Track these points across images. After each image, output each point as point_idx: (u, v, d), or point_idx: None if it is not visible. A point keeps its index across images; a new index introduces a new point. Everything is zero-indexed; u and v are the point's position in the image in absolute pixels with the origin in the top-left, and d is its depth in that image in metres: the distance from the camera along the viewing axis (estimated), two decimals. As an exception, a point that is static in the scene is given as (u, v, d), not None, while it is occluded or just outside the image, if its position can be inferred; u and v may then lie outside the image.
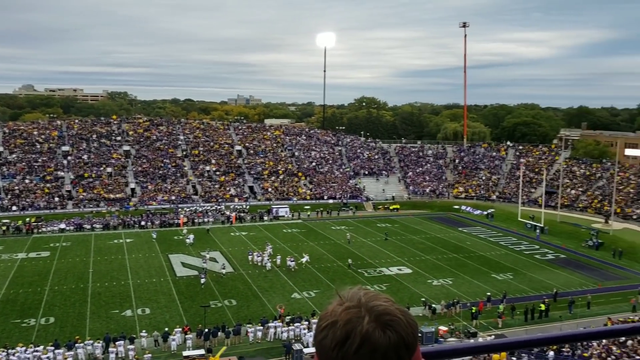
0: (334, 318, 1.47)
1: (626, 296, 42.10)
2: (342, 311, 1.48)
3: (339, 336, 1.43)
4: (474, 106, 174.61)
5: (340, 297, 1.56)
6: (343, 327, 1.44)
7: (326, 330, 1.46)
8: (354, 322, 1.44)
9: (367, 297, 1.52)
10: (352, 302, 1.50)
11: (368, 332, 1.42)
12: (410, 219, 71.59)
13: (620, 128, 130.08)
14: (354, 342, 1.41)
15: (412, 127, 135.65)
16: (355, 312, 1.47)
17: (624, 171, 75.71)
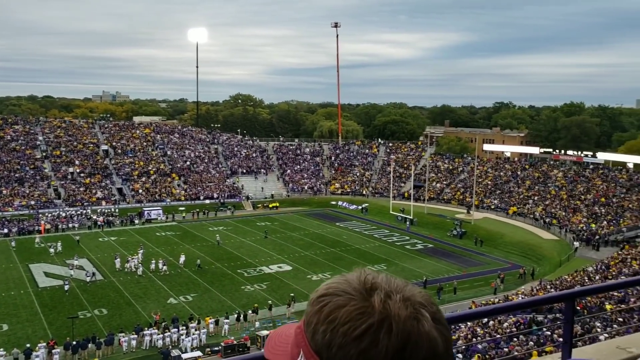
0: (378, 317, 1.07)
1: (487, 280, 45.72)
2: (383, 306, 1.08)
3: (397, 342, 1.04)
4: (348, 105, 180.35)
5: (351, 283, 1.15)
6: (401, 330, 1.06)
7: (371, 334, 1.05)
8: (411, 322, 1.07)
9: (394, 285, 1.15)
10: (384, 292, 1.12)
11: (430, 335, 1.08)
12: (290, 216, 72.11)
13: (478, 125, 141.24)
14: (419, 347, 1.06)
15: (289, 125, 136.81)
16: (403, 307, 1.09)
17: (483, 165, 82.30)
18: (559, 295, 3.94)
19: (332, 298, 1.13)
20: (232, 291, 42.21)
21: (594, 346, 4.15)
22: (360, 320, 1.07)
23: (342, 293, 1.13)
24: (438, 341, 1.08)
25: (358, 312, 1.08)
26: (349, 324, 1.07)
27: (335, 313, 1.10)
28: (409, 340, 1.05)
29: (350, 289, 1.14)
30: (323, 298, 1.14)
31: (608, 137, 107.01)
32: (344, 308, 1.10)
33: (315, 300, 1.16)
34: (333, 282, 1.18)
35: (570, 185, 69.45)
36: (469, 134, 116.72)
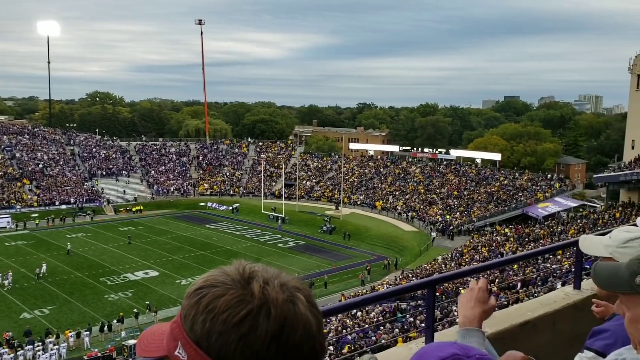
0: (257, 302, 1.10)
1: (355, 273, 47.50)
2: (262, 292, 1.11)
3: (275, 325, 1.09)
4: (215, 103, 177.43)
5: (229, 274, 1.16)
6: (279, 313, 1.10)
7: (252, 319, 1.08)
8: (287, 305, 1.12)
9: (270, 273, 1.18)
10: (262, 279, 1.15)
11: (305, 316, 1.13)
12: (155, 220, 69.21)
13: (344, 125, 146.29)
14: (295, 329, 1.10)
15: (152, 124, 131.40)
16: (280, 292, 1.13)
17: (349, 163, 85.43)
18: (421, 282, 4.09)
19: (210, 289, 1.14)
20: (94, 301, 39.58)
21: (453, 328, 4.37)
22: (239, 307, 1.10)
23: (220, 284, 1.14)
24: (312, 322, 1.13)
25: (237, 299, 1.11)
26: (229, 311, 1.10)
27: (214, 303, 1.11)
28: (286, 322, 1.10)
29: (228, 279, 1.15)
30: (201, 290, 1.15)
31: (459, 135, 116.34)
32: (222, 297, 1.11)
33: (192, 293, 1.16)
34: (210, 274, 1.20)
35: (427, 181, 74.46)
36: (335, 133, 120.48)
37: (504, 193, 65.61)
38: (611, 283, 1.58)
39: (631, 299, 1.56)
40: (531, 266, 35.74)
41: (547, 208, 59.09)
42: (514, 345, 4.19)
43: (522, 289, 29.32)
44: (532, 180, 67.91)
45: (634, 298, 1.55)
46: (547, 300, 4.79)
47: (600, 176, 59.95)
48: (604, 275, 1.60)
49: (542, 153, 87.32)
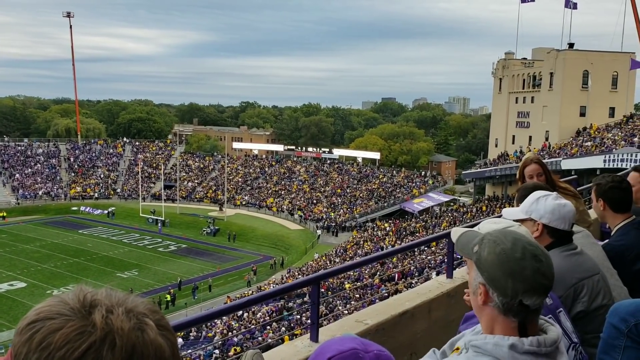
0: (100, 333, 0.97)
1: (241, 274, 47.10)
2: (105, 322, 0.98)
3: (122, 355, 0.96)
4: (87, 101, 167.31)
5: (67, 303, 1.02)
6: (126, 342, 0.97)
7: (92, 353, 0.95)
8: (135, 333, 1.00)
9: (115, 299, 1.06)
10: (105, 307, 1.02)
11: (156, 342, 1.02)
12: (22, 227, 63.63)
13: (227, 124, 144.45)
14: (146, 357, 0.99)
15: (15, 123, 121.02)
16: (126, 320, 1.00)
17: (233, 163, 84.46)
18: (305, 280, 4.12)
19: (45, 323, 0.98)
20: (-52, 320, 35.59)
21: (337, 323, 4.45)
22: (79, 340, 0.96)
23: (56, 316, 0.99)
24: (164, 347, 1.03)
25: (76, 332, 0.97)
26: (67, 346, 0.95)
27: (50, 338, 0.96)
28: (134, 351, 0.98)
29: (66, 309, 1.01)
30: (34, 324, 0.99)
31: (341, 135, 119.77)
32: (59, 331, 0.96)
33: (24, 328, 0.99)
34: (46, 305, 1.04)
35: (311, 179, 75.76)
36: (218, 132, 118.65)
37: (383, 190, 68.53)
38: (462, 249, 1.92)
39: (470, 264, 1.86)
40: (409, 258, 37.68)
41: (422, 203, 62.65)
42: (394, 334, 4.36)
43: (401, 280, 30.82)
44: (408, 177, 71.63)
45: (470, 263, 1.84)
46: (423, 290, 5.04)
47: (468, 172, 64.90)
48: (462, 241, 1.93)
49: (417, 152, 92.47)
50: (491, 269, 1.72)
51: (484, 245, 1.77)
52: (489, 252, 1.73)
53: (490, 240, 1.76)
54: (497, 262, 1.71)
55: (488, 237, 1.78)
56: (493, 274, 1.72)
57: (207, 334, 31.12)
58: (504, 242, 1.73)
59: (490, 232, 1.82)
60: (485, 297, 1.75)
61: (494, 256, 1.72)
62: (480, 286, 1.76)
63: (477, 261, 1.78)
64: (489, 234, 1.80)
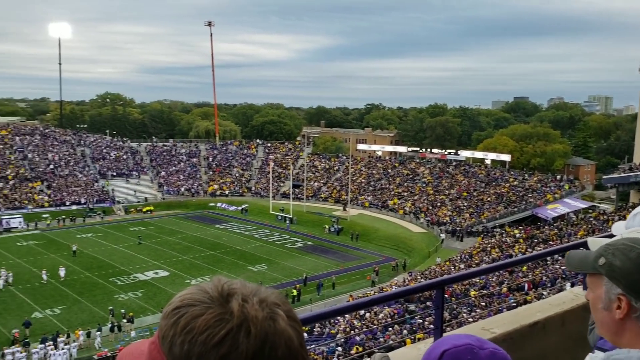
0: (237, 321, 1.07)
1: (364, 274, 47.50)
2: (240, 311, 1.08)
3: (256, 343, 1.06)
4: (224, 105, 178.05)
5: (207, 292, 1.13)
6: (260, 330, 1.07)
7: (230, 339, 1.05)
8: (268, 322, 1.09)
9: (249, 289, 1.15)
10: (241, 296, 1.12)
11: (286, 332, 1.11)
12: (166, 220, 69.57)
13: (352, 126, 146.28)
14: (277, 345, 1.08)
15: (162, 125, 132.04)
16: (259, 309, 1.10)
17: (356, 164, 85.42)
18: (429, 283, 4.14)
19: (188, 309, 1.11)
20: (104, 301, 39.83)
21: (462, 329, 4.41)
22: (218, 326, 1.07)
23: (197, 303, 1.11)
24: (293, 337, 1.11)
25: (216, 319, 1.08)
26: (208, 331, 1.06)
27: (193, 323, 1.08)
28: (267, 339, 1.07)
29: (206, 298, 1.12)
30: (178, 310, 1.11)
31: (468, 136, 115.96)
32: (201, 317, 1.08)
33: (170, 313, 1.12)
34: (188, 292, 1.16)
35: (435, 181, 74.29)
36: (343, 134, 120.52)
37: (513, 194, 65.32)
38: (580, 265, 1.80)
39: (593, 280, 1.76)
40: (540, 267, 35.61)
41: (556, 209, 58.77)
42: (523, 345, 4.25)
43: (531, 290, 29.22)
44: (542, 181, 67.56)
45: (595, 279, 1.74)
46: (556, 301, 4.82)
47: (610, 177, 59.55)
48: (576, 259, 1.81)
49: (552, 154, 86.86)
50: (630, 276, 1.63)
51: (613, 254, 1.68)
52: (623, 259, 1.64)
53: (619, 248, 1.68)
54: (636, 267, 1.62)
55: (613, 246, 1.70)
56: (633, 279, 1.63)
57: (330, 330, 31.82)
58: (636, 246, 1.65)
59: (610, 243, 1.74)
60: (628, 308, 1.64)
61: (630, 261, 1.63)
62: (619, 298, 1.66)
63: (608, 272, 1.70)
64: (610, 244, 1.72)
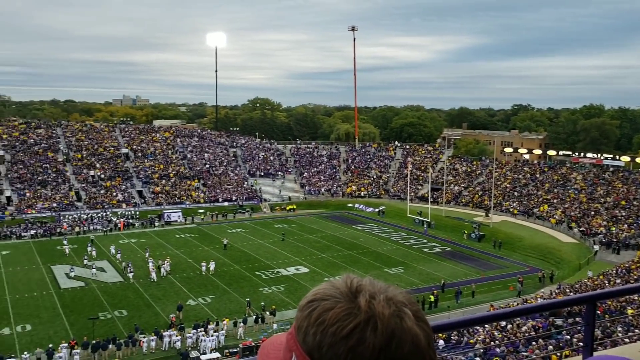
0: (364, 316, 1.16)
1: (506, 284, 45.42)
2: (368, 307, 1.18)
3: (382, 339, 1.14)
4: (364, 108, 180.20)
5: (338, 288, 1.24)
6: (386, 327, 1.15)
7: (360, 332, 1.15)
8: (395, 320, 1.17)
9: (377, 287, 1.24)
10: (368, 293, 1.21)
11: (413, 331, 1.18)
12: (307, 219, 72.32)
13: (497, 127, 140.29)
14: (403, 343, 1.15)
15: (306, 128, 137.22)
16: (386, 307, 1.18)
17: (501, 168, 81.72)
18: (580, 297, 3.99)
19: (320, 302, 1.21)
20: (250, 293, 42.46)
21: (617, 349, 4.17)
22: (347, 320, 1.16)
23: (329, 297, 1.21)
24: (420, 337, 1.17)
25: (345, 313, 1.17)
26: (337, 324, 1.16)
27: (324, 315, 1.18)
28: (393, 336, 1.14)
29: (336, 293, 1.22)
30: (312, 303, 1.23)
31: (629, 139, 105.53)
32: (331, 310, 1.18)
33: (304, 306, 1.24)
34: (320, 288, 1.27)
35: (589, 188, 68.63)
36: (487, 136, 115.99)
37: (683, 205, 58.25)
38: None
39: None
40: None
41: None
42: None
43: None
44: None
45: None
46: None
47: None
48: None
49: None
50: None
51: None
52: None
53: None
54: None
55: None
56: None
57: (468, 339, 30.95)
58: None
59: None
60: None
61: None
62: None
63: None
64: None
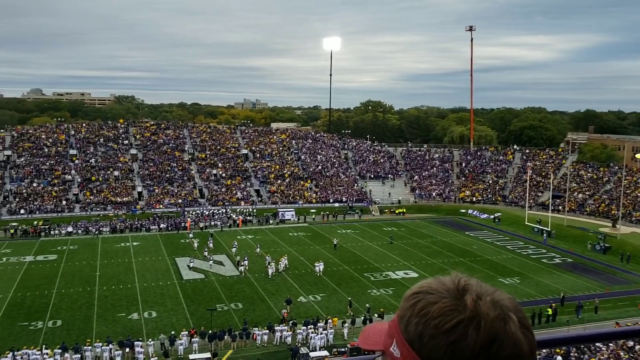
0: (469, 314, 1.19)
1: (634, 301, 41.85)
2: (474, 306, 1.21)
3: (484, 338, 1.17)
4: (481, 110, 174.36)
5: (445, 284, 1.30)
6: (489, 328, 1.18)
7: (462, 329, 1.18)
8: (498, 322, 1.19)
9: (485, 289, 1.28)
10: (475, 293, 1.25)
11: (516, 336, 1.19)
12: (417, 223, 71.49)
13: (628, 132, 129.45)
14: (504, 346, 1.17)
15: (418, 131, 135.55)
16: (492, 308, 1.21)
17: (632, 175, 75.29)
18: None
19: (425, 295, 1.26)
20: (359, 294, 42.85)
21: None
22: (451, 315, 1.19)
23: (434, 292, 1.26)
24: (523, 343, 1.18)
25: (449, 308, 1.20)
26: (440, 318, 1.20)
27: (428, 308, 1.23)
28: (495, 338, 1.16)
29: (442, 289, 1.27)
30: (417, 295, 1.29)
31: None
32: (436, 304, 1.22)
33: (409, 297, 1.30)
34: (427, 282, 1.33)
35: None
36: (616, 141, 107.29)
37: None
38: None
39: None
40: None
41: None
42: None
43: None
44: None
45: None
46: None
47: None
48: None
49: None
50: None
51: None
52: None
53: None
54: None
55: None
56: None
57: (590, 358, 29.00)
58: None
59: None
60: None
61: None
62: None
63: None
64: None
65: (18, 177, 74.64)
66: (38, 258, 52.73)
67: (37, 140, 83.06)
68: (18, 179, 74.17)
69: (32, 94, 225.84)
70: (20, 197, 70.92)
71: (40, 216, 66.85)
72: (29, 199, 70.76)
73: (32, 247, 56.71)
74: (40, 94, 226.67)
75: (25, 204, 69.64)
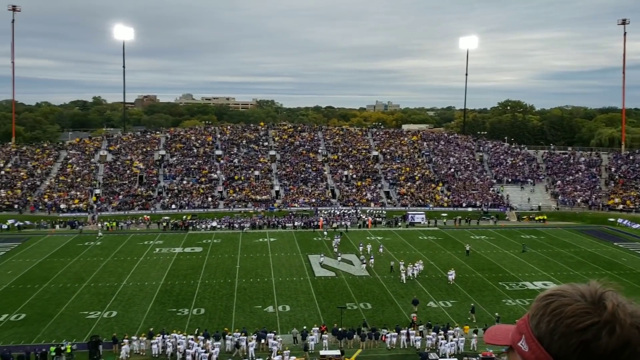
0: (605, 317, 1.26)
1: None
2: (613, 312, 1.27)
3: (617, 342, 1.23)
4: (634, 110, 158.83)
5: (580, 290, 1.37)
6: (624, 334, 1.24)
7: (596, 330, 1.24)
8: (633, 330, 1.25)
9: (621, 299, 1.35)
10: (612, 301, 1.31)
11: None
12: (558, 231, 67.06)
13: None
14: (636, 353, 1.23)
15: (561, 133, 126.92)
16: (628, 316, 1.27)
17: None
18: None
19: (559, 298, 1.34)
20: (492, 303, 41.27)
21: None
22: (585, 317, 1.26)
23: (568, 295, 1.34)
24: None
25: (583, 310, 1.27)
26: (574, 318, 1.27)
27: (562, 308, 1.31)
28: (628, 344, 1.21)
29: (577, 293, 1.34)
30: (550, 297, 1.37)
31: None
32: (570, 306, 1.29)
33: (542, 297, 1.39)
34: (561, 286, 1.42)
35: None
36: None
37: None
38: None
39: None
40: None
41: None
42: None
43: None
44: None
45: None
46: None
47: None
48: None
49: None
50: None
51: None
52: None
53: None
54: None
55: None
56: None
57: None
58: None
59: None
60: None
61: None
62: None
63: None
64: None
65: (170, 174, 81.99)
66: (186, 250, 57.50)
67: (188, 142, 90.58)
68: (170, 177, 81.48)
69: (183, 99, 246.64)
70: (172, 193, 77.86)
71: (189, 211, 72.91)
72: (179, 195, 77.46)
73: (181, 240, 61.97)
74: (190, 99, 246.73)
75: (176, 199, 76.34)
